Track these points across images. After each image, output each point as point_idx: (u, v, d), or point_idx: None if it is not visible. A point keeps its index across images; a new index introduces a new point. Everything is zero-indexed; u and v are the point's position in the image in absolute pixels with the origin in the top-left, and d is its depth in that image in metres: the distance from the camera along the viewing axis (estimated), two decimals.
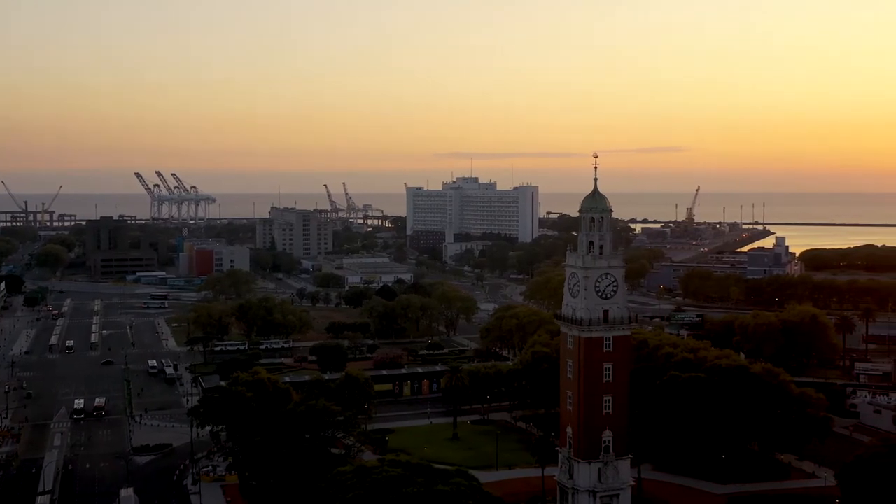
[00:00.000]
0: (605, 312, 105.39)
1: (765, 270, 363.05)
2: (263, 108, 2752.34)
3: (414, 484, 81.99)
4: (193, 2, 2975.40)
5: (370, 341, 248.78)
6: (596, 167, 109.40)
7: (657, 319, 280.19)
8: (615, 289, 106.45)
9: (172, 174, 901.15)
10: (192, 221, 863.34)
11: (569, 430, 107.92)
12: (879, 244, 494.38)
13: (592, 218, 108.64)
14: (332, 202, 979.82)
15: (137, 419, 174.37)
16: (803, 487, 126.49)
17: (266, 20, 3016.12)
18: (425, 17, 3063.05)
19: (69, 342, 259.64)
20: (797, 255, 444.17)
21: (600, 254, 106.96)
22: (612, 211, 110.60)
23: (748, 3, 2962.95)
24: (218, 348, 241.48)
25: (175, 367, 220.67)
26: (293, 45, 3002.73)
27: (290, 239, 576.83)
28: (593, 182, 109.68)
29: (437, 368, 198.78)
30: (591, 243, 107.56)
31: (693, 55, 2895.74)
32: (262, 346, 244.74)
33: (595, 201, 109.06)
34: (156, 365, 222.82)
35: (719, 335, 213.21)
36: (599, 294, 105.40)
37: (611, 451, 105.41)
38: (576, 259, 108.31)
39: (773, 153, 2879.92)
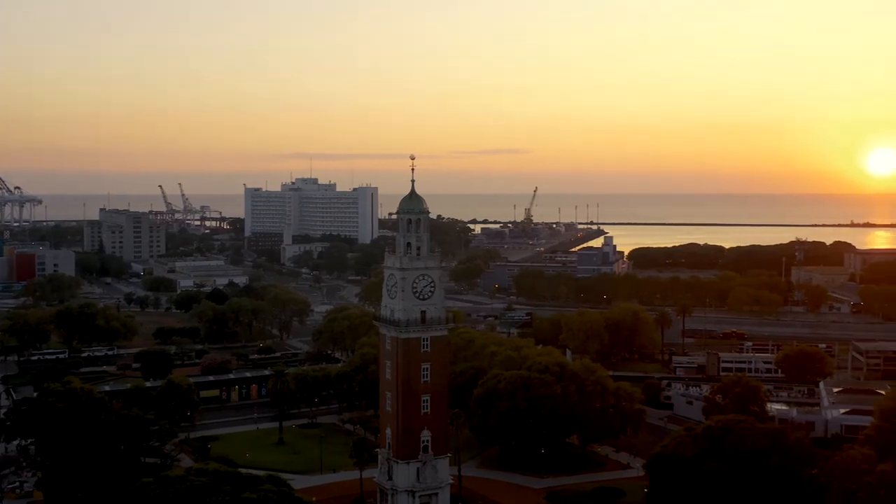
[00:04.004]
0: (423, 313, 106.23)
1: (594, 269, 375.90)
2: (97, 106, 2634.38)
3: (220, 492, 79.92)
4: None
5: (199, 346, 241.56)
6: (413, 169, 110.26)
7: (490, 318, 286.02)
8: (432, 289, 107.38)
9: None
10: (15, 224, 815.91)
11: (388, 430, 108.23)
12: (702, 242, 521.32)
13: (409, 219, 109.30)
14: (168, 203, 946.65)
15: None
16: (617, 478, 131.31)
17: (105, 16, 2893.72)
18: (264, 14, 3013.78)
19: None
20: (626, 253, 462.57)
21: (418, 255, 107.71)
22: (429, 212, 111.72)
23: (582, 6, 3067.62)
24: (35, 357, 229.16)
25: None
26: (127, 42, 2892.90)
27: (120, 242, 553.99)
28: (410, 184, 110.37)
29: (267, 372, 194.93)
30: (409, 244, 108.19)
31: (533, 59, 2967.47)
32: (84, 354, 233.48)
33: (412, 203, 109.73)
34: None
35: (547, 333, 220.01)
36: (417, 295, 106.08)
37: (429, 450, 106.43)
38: (393, 260, 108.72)
39: (608, 155, 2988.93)
